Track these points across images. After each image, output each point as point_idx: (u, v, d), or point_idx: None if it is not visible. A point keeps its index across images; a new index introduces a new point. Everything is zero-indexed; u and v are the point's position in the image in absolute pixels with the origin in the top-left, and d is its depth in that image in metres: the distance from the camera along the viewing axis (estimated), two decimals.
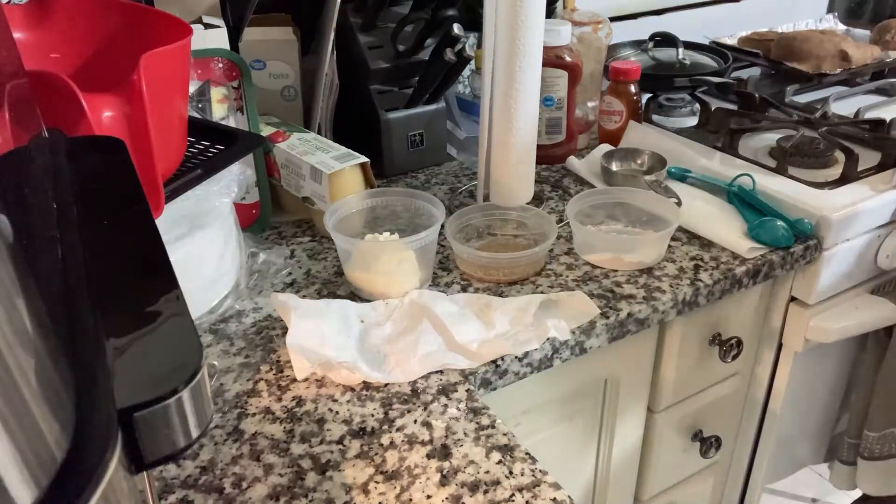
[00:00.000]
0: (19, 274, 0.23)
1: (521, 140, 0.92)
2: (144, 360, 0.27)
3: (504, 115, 0.90)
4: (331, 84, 1.01)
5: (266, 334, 0.76)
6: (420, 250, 0.79)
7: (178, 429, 0.26)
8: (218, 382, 0.70)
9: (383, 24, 1.06)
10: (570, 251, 0.89)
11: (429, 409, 0.66)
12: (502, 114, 0.90)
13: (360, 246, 0.79)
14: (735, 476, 1.17)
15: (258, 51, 1.01)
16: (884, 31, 1.42)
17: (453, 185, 1.07)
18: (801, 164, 1.03)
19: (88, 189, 0.37)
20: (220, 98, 0.90)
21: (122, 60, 0.64)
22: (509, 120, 0.90)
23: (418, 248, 0.78)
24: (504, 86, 0.88)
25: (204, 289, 0.77)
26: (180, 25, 0.71)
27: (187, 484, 0.59)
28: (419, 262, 0.79)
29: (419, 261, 0.79)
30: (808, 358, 1.05)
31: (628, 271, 0.85)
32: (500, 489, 0.58)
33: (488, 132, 0.92)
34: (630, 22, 1.46)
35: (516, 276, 0.83)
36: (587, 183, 1.06)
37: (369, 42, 1.05)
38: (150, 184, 0.63)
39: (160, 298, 0.30)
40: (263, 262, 0.86)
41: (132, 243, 0.34)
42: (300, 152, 0.91)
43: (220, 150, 0.79)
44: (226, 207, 0.78)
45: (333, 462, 0.61)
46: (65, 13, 0.73)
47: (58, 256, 0.30)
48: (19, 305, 0.22)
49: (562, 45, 1.06)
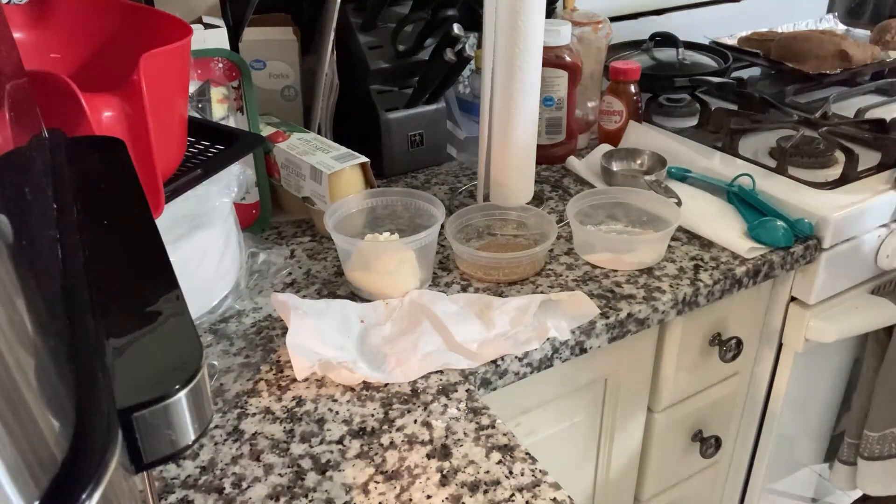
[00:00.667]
0: (19, 274, 0.23)
1: (521, 140, 0.92)
2: (144, 360, 0.27)
3: (504, 115, 0.90)
4: (331, 84, 1.01)
5: (266, 334, 0.76)
6: (420, 250, 0.79)
7: (178, 429, 0.25)
8: (218, 382, 0.70)
9: (383, 24, 1.06)
10: (570, 251, 0.89)
11: (429, 409, 0.66)
12: (502, 114, 0.90)
13: (359, 246, 0.79)
14: (735, 476, 1.17)
15: (258, 51, 1.01)
16: (884, 31, 1.42)
17: (453, 185, 1.07)
18: (801, 164, 1.03)
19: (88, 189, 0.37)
20: (220, 98, 0.90)
21: (122, 60, 0.64)
22: (509, 120, 0.90)
23: (418, 248, 0.78)
24: (504, 86, 0.88)
25: (204, 289, 0.77)
26: (180, 25, 0.71)
27: (187, 484, 0.59)
28: (419, 262, 0.79)
29: (419, 261, 0.79)
30: (808, 358, 1.05)
31: (628, 271, 0.85)
32: (500, 489, 0.58)
33: (488, 132, 0.92)
34: (630, 22, 1.46)
35: (516, 276, 0.83)
36: (587, 183, 1.06)
37: (369, 42, 1.05)
38: (150, 184, 0.63)
39: (160, 298, 0.30)
40: (263, 262, 0.86)
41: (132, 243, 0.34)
42: (300, 152, 0.91)
43: (220, 150, 0.79)
44: (226, 207, 0.78)
45: (333, 462, 0.61)
46: (65, 13, 0.73)
47: (58, 256, 0.30)
48: (19, 305, 0.22)
49: (562, 45, 1.06)
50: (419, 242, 0.78)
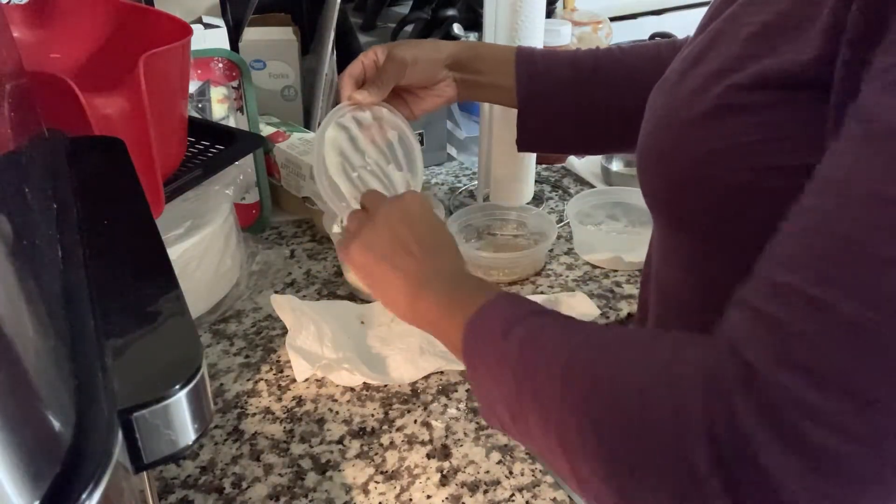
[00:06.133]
0: (19, 274, 0.23)
1: None
2: (144, 360, 0.27)
3: (504, 114, 0.90)
4: (331, 84, 1.01)
5: (266, 334, 0.76)
6: None
7: (178, 429, 0.25)
8: (218, 382, 0.70)
9: (383, 24, 1.06)
10: (570, 251, 0.89)
11: (429, 409, 0.66)
12: (502, 114, 0.90)
13: None
14: None
15: (258, 51, 1.01)
16: None
17: (453, 185, 1.07)
18: None
19: (88, 189, 0.37)
20: (220, 98, 0.90)
21: (122, 60, 0.64)
22: (509, 120, 0.90)
23: None
24: None
25: (204, 289, 0.77)
26: (180, 25, 0.71)
27: (187, 484, 0.59)
28: None
29: None
30: None
31: (628, 271, 0.85)
32: (500, 489, 0.58)
33: (488, 132, 0.92)
34: (630, 22, 1.46)
35: (516, 276, 0.83)
36: (587, 183, 1.06)
37: (369, 42, 1.05)
38: (150, 184, 0.63)
39: (160, 298, 0.30)
40: (263, 262, 0.86)
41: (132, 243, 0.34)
42: (300, 152, 0.91)
43: (220, 150, 0.79)
44: (226, 207, 0.78)
45: (333, 462, 0.61)
46: (65, 13, 0.73)
47: (58, 256, 0.30)
48: (19, 305, 0.22)
49: (562, 45, 1.06)
50: None
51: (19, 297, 0.22)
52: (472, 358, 0.46)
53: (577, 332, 0.41)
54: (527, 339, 0.42)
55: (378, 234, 0.56)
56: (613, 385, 0.36)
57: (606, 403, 0.36)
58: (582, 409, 0.36)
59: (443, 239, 0.57)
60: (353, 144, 0.67)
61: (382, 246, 0.55)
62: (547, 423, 0.39)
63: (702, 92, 0.42)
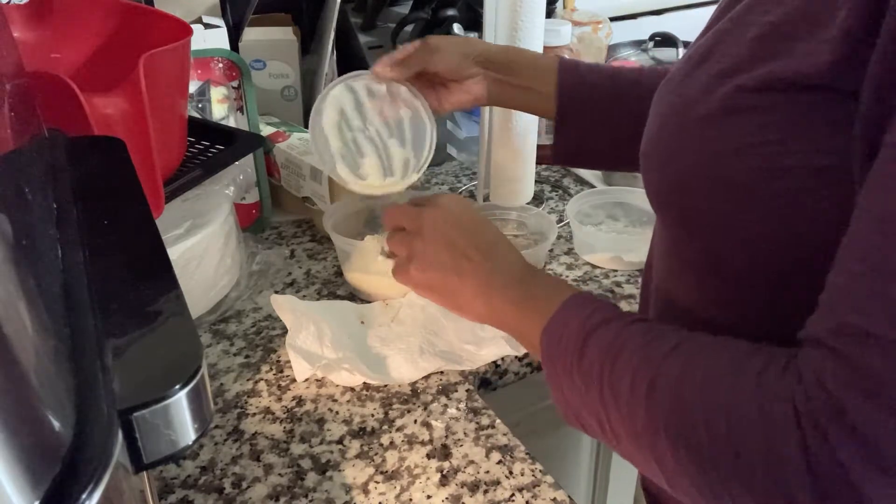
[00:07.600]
0: (19, 274, 0.23)
1: (521, 140, 0.92)
2: (144, 359, 0.27)
3: (504, 114, 0.90)
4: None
5: (266, 334, 0.76)
6: None
7: (178, 429, 0.25)
8: (218, 382, 0.70)
9: (383, 24, 1.06)
10: (570, 251, 0.89)
11: (429, 409, 0.66)
12: (502, 114, 0.90)
13: (359, 247, 0.79)
14: None
15: (258, 51, 1.01)
16: None
17: (453, 185, 1.07)
18: None
19: (88, 189, 0.37)
20: (220, 98, 0.90)
21: (122, 60, 0.64)
22: (509, 120, 0.90)
23: None
24: None
25: (204, 289, 0.77)
26: (180, 25, 0.71)
27: (187, 484, 0.59)
28: None
29: None
30: None
31: (628, 271, 0.85)
32: (500, 489, 0.58)
33: (488, 132, 0.92)
34: (630, 22, 1.46)
35: None
36: (587, 183, 1.06)
37: (369, 42, 1.05)
38: (150, 184, 0.63)
39: (160, 298, 0.30)
40: (263, 262, 0.86)
41: (132, 243, 0.34)
42: (300, 152, 0.91)
43: (220, 150, 0.79)
44: (226, 207, 0.78)
45: (333, 462, 0.61)
46: (65, 13, 0.73)
47: (58, 256, 0.30)
48: (19, 305, 0.22)
49: (562, 45, 1.06)
50: None
51: (19, 297, 0.22)
52: (552, 367, 0.47)
53: (654, 350, 0.41)
54: (607, 357, 0.43)
55: (432, 247, 0.55)
56: (706, 415, 0.38)
57: (698, 433, 0.37)
58: (674, 437, 0.38)
59: (493, 234, 0.57)
60: (358, 109, 0.69)
61: (440, 259, 0.54)
62: (640, 447, 0.41)
63: (708, 92, 0.42)
